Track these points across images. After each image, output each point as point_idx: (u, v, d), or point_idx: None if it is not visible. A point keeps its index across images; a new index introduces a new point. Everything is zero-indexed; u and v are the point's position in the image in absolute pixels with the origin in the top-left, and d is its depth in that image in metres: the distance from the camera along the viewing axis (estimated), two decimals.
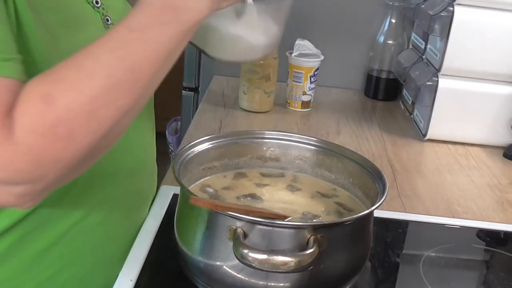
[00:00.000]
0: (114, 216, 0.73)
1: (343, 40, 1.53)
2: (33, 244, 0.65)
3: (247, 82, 1.31)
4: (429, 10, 1.22)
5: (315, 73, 1.35)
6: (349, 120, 1.35)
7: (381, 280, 0.76)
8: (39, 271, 0.67)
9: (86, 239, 0.70)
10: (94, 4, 0.70)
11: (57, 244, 0.67)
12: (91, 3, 0.70)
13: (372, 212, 0.66)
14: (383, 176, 0.71)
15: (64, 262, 0.68)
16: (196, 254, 0.65)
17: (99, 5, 0.71)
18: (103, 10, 0.71)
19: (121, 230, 0.75)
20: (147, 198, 0.83)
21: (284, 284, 0.62)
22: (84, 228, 0.69)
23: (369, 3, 1.50)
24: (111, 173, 0.71)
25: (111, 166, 0.70)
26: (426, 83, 1.23)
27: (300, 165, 0.81)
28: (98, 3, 0.71)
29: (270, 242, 0.60)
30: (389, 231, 0.87)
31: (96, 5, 0.70)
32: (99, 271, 0.73)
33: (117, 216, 0.74)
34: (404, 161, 1.15)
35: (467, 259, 0.85)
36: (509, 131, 1.24)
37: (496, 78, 1.21)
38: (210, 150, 0.77)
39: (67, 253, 0.68)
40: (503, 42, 1.18)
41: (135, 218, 0.79)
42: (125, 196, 0.75)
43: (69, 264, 0.69)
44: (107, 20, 0.71)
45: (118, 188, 0.73)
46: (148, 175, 0.83)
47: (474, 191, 1.05)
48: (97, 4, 0.70)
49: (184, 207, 0.68)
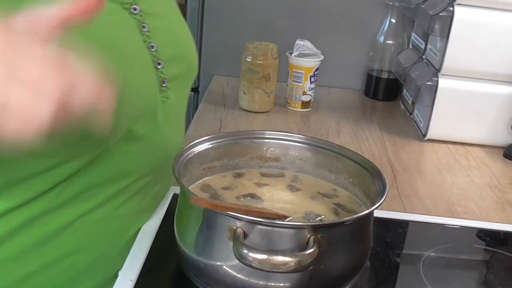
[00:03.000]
0: (126, 210, 0.73)
1: (343, 40, 1.53)
2: (42, 227, 0.66)
3: (247, 82, 1.31)
4: (429, 10, 1.22)
5: (315, 73, 1.35)
6: (349, 120, 1.35)
7: (381, 280, 0.76)
8: (44, 253, 0.67)
9: (96, 229, 0.70)
10: (131, 11, 0.69)
11: (66, 230, 0.67)
12: (128, 9, 0.68)
13: (372, 212, 0.66)
14: (383, 176, 0.71)
15: (70, 248, 0.69)
16: (196, 254, 0.65)
17: (136, 11, 0.69)
18: (140, 17, 0.69)
19: (132, 225, 0.76)
20: (161, 196, 0.83)
21: (284, 284, 0.62)
22: (96, 218, 0.69)
23: (369, 3, 1.50)
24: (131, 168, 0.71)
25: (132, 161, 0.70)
26: (426, 83, 1.23)
27: (300, 165, 0.81)
28: (136, 10, 0.69)
29: (270, 242, 0.60)
30: (389, 231, 0.86)
31: (133, 12, 0.69)
32: (105, 262, 0.73)
33: (130, 210, 0.74)
34: (404, 161, 1.15)
35: (467, 259, 0.85)
36: (509, 131, 1.24)
37: (496, 78, 1.22)
38: (210, 150, 0.77)
39: (74, 240, 0.69)
40: (503, 42, 1.18)
41: (146, 215, 0.79)
42: (141, 192, 0.75)
43: (75, 251, 0.69)
44: (143, 27, 0.70)
45: (136, 184, 0.73)
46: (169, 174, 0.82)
47: (474, 191, 1.05)
48: (134, 10, 0.69)
49: (184, 207, 0.68)
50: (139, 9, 0.69)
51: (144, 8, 0.70)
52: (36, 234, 0.66)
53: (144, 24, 0.70)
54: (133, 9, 0.69)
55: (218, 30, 1.54)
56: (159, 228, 0.79)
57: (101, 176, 0.68)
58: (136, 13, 0.69)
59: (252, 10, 1.51)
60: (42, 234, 0.66)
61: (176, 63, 0.76)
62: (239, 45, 1.33)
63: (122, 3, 0.68)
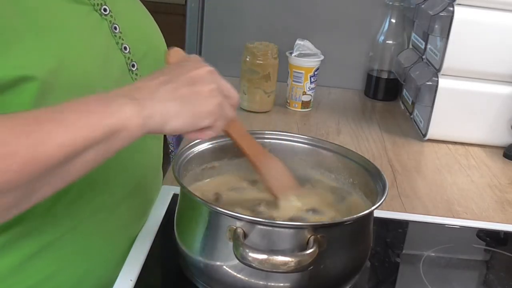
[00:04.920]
0: (108, 225, 0.72)
1: (343, 40, 1.53)
2: (20, 250, 0.64)
3: (247, 82, 1.31)
4: (429, 10, 1.22)
5: (315, 73, 1.35)
6: (349, 120, 1.35)
7: (381, 280, 0.76)
8: (27, 276, 0.65)
9: (78, 247, 0.69)
10: (101, 12, 0.68)
11: (47, 250, 0.66)
12: (98, 11, 0.67)
13: (372, 212, 0.66)
14: (383, 176, 0.71)
15: (54, 268, 0.67)
16: (196, 254, 0.65)
17: (107, 12, 0.68)
18: (111, 18, 0.69)
19: (116, 239, 0.74)
20: (145, 208, 0.81)
21: (284, 284, 0.62)
22: (76, 237, 0.68)
23: (369, 3, 1.50)
24: (107, 181, 0.69)
25: (107, 174, 0.68)
26: (426, 83, 1.23)
27: (300, 165, 0.81)
28: (106, 11, 0.68)
29: (270, 242, 0.60)
30: (389, 231, 0.86)
31: (104, 13, 0.68)
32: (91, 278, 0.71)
33: (112, 225, 0.72)
34: (404, 161, 1.15)
35: (467, 259, 0.85)
36: (509, 131, 1.24)
37: (496, 78, 1.21)
38: (210, 150, 0.77)
39: (56, 260, 0.67)
40: (503, 42, 1.18)
41: (132, 227, 0.77)
42: (122, 206, 0.73)
43: (58, 271, 0.68)
44: (115, 28, 0.69)
45: (115, 197, 0.71)
46: (150, 184, 0.81)
47: (474, 191, 1.05)
48: (105, 11, 0.68)
49: (184, 207, 0.68)
50: (109, 9, 0.68)
51: (113, 8, 0.69)
52: (15, 257, 0.64)
53: (115, 25, 0.69)
54: (103, 10, 0.68)
55: (218, 30, 1.54)
56: (159, 228, 0.79)
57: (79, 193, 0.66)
58: (107, 14, 0.68)
59: (252, 10, 1.51)
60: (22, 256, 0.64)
61: (148, 62, 0.74)
62: (239, 45, 1.33)
63: (93, 4, 0.67)
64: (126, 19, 0.71)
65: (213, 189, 0.75)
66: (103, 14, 0.68)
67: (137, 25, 0.75)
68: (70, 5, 0.64)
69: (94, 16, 0.67)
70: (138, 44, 0.73)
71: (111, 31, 0.69)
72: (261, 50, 1.29)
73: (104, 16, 0.68)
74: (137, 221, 0.78)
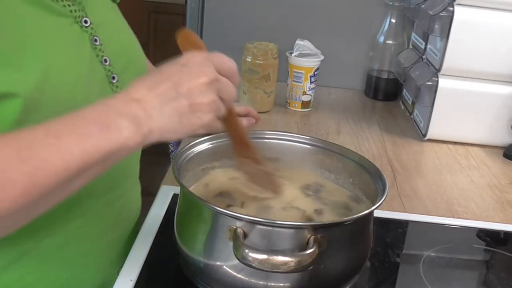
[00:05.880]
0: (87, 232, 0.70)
1: (343, 40, 1.53)
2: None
3: (247, 82, 1.31)
4: (429, 10, 1.22)
5: (315, 73, 1.35)
6: (349, 120, 1.35)
7: (381, 280, 0.76)
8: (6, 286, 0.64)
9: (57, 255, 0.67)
10: (82, 24, 0.67)
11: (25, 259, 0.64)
12: (79, 23, 0.66)
13: (372, 212, 0.66)
14: (383, 176, 0.71)
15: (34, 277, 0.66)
16: (196, 254, 0.65)
17: (87, 24, 0.67)
18: (91, 30, 0.67)
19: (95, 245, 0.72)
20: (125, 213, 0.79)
21: (284, 284, 0.62)
22: (54, 244, 0.66)
23: (369, 3, 1.50)
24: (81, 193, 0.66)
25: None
26: (426, 83, 1.23)
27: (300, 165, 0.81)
28: (87, 23, 0.67)
29: (270, 242, 0.60)
30: (389, 231, 0.87)
31: (84, 25, 0.67)
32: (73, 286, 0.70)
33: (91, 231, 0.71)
34: (404, 161, 1.15)
35: (467, 259, 0.85)
36: (509, 131, 1.24)
37: (496, 78, 1.22)
38: (210, 150, 0.77)
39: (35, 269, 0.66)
40: (503, 42, 1.18)
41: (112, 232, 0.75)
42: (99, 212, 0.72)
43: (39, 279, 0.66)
44: (95, 40, 0.68)
45: (91, 203, 0.70)
46: (129, 190, 0.79)
47: (474, 191, 1.05)
48: (85, 23, 0.67)
49: (184, 207, 0.68)
50: (89, 21, 0.67)
51: (94, 20, 0.68)
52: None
53: (96, 37, 0.68)
54: (84, 22, 0.67)
55: (218, 30, 1.54)
56: (159, 228, 0.79)
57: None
58: (88, 26, 0.67)
59: (252, 10, 1.51)
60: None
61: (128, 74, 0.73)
62: (239, 45, 1.33)
63: (74, 16, 0.66)
64: (106, 31, 0.70)
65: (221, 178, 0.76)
66: (83, 26, 0.67)
67: (117, 37, 0.74)
68: (51, 18, 0.62)
69: (75, 29, 0.66)
70: (118, 56, 0.71)
71: (91, 44, 0.68)
72: (261, 50, 1.29)
73: (85, 28, 0.67)
74: (116, 226, 0.76)
